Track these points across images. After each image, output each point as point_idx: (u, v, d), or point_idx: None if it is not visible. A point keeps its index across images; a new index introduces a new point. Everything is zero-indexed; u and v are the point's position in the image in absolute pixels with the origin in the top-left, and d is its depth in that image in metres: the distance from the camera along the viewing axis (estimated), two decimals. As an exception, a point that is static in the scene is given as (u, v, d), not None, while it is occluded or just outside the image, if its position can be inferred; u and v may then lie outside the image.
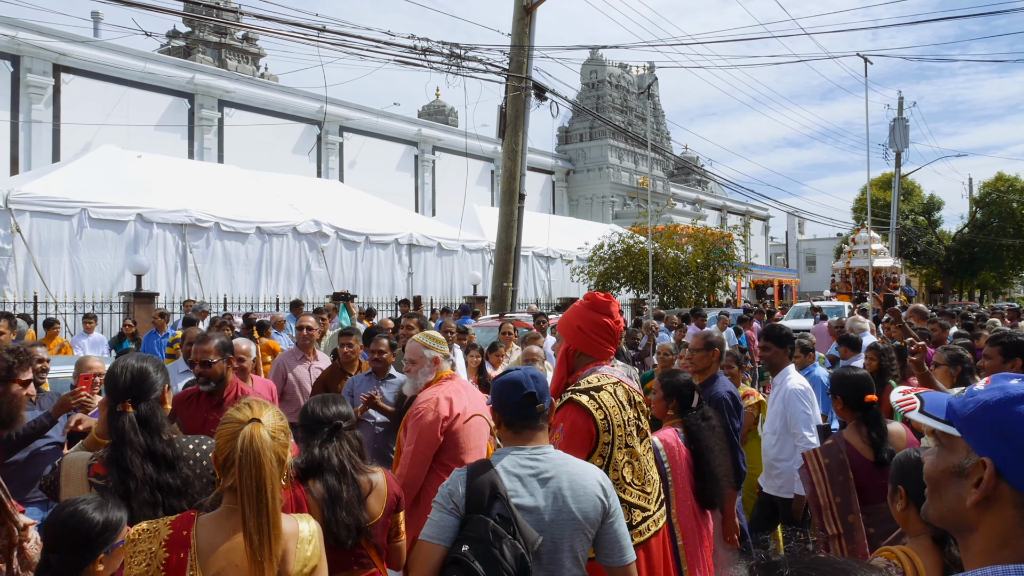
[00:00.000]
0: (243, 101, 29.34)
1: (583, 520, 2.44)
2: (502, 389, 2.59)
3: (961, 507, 1.21)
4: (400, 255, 20.90)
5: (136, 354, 2.83)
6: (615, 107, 44.04)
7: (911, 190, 50.04)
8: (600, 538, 2.51)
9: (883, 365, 6.40)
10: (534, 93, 16.50)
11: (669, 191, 46.76)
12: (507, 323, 9.37)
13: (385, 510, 2.80)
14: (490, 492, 2.36)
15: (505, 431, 2.58)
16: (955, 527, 1.26)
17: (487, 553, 2.22)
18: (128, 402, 2.63)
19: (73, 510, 2.16)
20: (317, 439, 2.78)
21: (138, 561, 1.96)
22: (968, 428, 1.22)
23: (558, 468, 2.49)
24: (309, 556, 2.11)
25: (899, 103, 41.38)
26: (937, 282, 53.75)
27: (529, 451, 2.51)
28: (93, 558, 2.15)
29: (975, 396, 1.23)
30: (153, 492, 2.54)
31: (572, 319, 3.45)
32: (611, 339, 3.41)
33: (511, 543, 2.26)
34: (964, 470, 1.22)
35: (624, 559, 2.53)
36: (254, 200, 18.65)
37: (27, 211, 14.28)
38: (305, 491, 2.67)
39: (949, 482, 1.24)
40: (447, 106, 43.13)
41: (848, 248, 29.66)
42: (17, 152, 23.77)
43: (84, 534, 2.13)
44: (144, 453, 2.58)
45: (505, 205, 16.26)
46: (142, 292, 14.86)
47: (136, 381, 2.67)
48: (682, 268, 23.02)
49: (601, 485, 2.53)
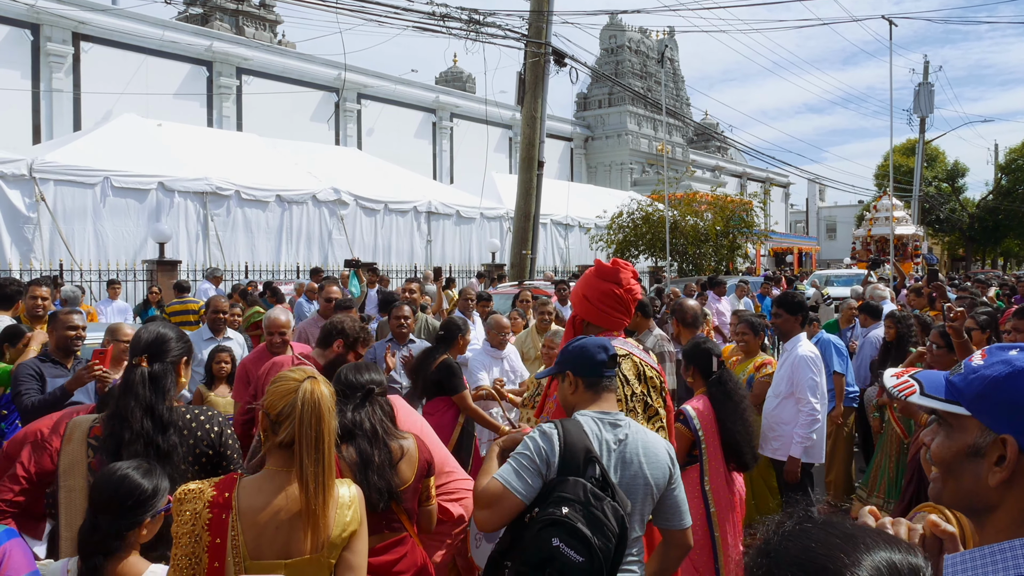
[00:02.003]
0: (261, 69, 29.30)
1: (654, 485, 2.50)
2: (584, 352, 2.61)
3: (980, 487, 1.19)
4: (419, 223, 20.95)
5: (165, 322, 2.88)
6: (634, 73, 43.54)
7: (935, 156, 49.28)
8: (662, 503, 2.56)
9: (901, 333, 6.40)
10: (553, 59, 16.36)
11: (688, 158, 46.35)
12: (525, 291, 9.40)
13: (416, 475, 2.84)
14: (584, 456, 2.35)
15: (584, 393, 2.59)
16: (973, 507, 1.23)
17: (589, 514, 2.21)
18: (145, 357, 2.69)
19: (123, 475, 2.23)
20: (350, 404, 2.81)
21: (184, 520, 2.03)
22: (980, 406, 1.18)
23: (634, 434, 2.53)
24: (348, 521, 2.13)
25: (924, 67, 40.57)
26: (960, 250, 53.16)
27: (612, 415, 2.54)
28: (140, 523, 2.22)
29: (978, 372, 1.20)
30: (146, 448, 2.56)
31: (580, 288, 3.36)
32: (620, 308, 3.26)
33: (611, 504, 2.26)
34: (980, 449, 1.18)
35: (683, 523, 2.59)
36: (274, 168, 18.73)
37: (51, 180, 14.45)
38: (338, 456, 2.69)
39: (964, 463, 1.21)
40: (465, 72, 42.80)
41: (869, 215, 29.34)
42: (39, 121, 23.93)
43: (135, 498, 2.20)
44: (145, 408, 2.61)
45: (524, 172, 16.22)
46: (165, 260, 15.03)
47: (157, 341, 2.73)
48: (701, 236, 22.89)
49: (669, 453, 2.59)
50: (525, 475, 2.33)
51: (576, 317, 3.33)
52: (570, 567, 2.14)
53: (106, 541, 2.17)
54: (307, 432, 2.06)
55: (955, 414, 1.22)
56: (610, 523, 2.21)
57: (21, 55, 23.56)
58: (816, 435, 5.06)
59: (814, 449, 5.12)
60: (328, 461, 2.09)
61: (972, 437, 1.20)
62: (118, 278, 13.29)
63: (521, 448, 2.40)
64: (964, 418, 1.21)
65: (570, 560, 2.14)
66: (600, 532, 2.18)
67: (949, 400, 1.23)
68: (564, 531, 2.17)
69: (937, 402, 1.24)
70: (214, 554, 1.98)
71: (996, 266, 54.42)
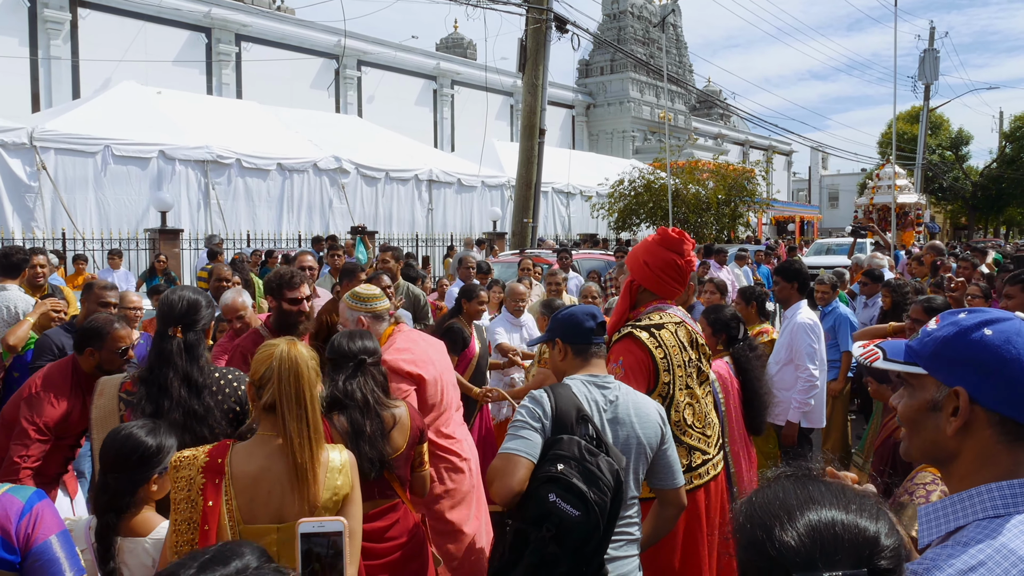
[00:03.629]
0: (260, 35, 29.09)
1: (647, 444, 2.58)
2: (572, 320, 2.69)
3: (941, 437, 1.30)
4: (420, 191, 20.95)
5: (191, 287, 3.02)
6: (636, 39, 43.14)
7: (939, 124, 48.95)
8: (656, 463, 2.64)
9: (896, 301, 6.46)
10: (555, 25, 16.24)
11: (691, 126, 46.13)
12: (526, 259, 9.43)
13: (408, 443, 2.88)
14: (576, 415, 2.42)
15: (573, 360, 2.67)
16: (937, 457, 1.34)
17: (584, 469, 2.26)
18: (179, 328, 2.81)
19: (128, 434, 2.31)
20: (342, 373, 2.83)
21: (180, 487, 2.09)
22: (934, 364, 1.31)
23: (624, 395, 2.61)
24: (339, 485, 2.17)
25: (930, 33, 40.16)
26: (962, 218, 53.04)
27: (600, 378, 2.62)
28: (147, 479, 2.31)
29: (931, 335, 1.33)
30: (185, 415, 2.69)
31: (640, 253, 3.40)
32: (679, 278, 3.33)
33: (605, 459, 2.31)
34: (938, 403, 1.30)
35: (676, 482, 2.66)
36: (274, 136, 18.69)
37: (52, 148, 14.44)
38: (329, 424, 2.72)
39: (925, 417, 1.33)
40: (465, 39, 42.42)
41: (872, 184, 29.26)
42: (38, 89, 23.83)
43: (138, 456, 2.28)
44: (183, 377, 2.75)
45: (525, 140, 16.19)
46: (167, 228, 15.08)
47: (190, 310, 2.86)
48: (703, 204, 22.90)
49: (659, 413, 2.67)
50: (524, 435, 2.39)
51: (633, 282, 3.37)
52: (567, 521, 2.20)
53: (117, 498, 2.26)
54: (286, 390, 2.10)
55: (915, 374, 1.35)
56: (605, 477, 2.26)
57: (19, 22, 23.39)
58: (815, 400, 5.17)
59: (813, 414, 5.23)
60: (312, 419, 2.12)
61: (930, 393, 1.32)
62: (120, 247, 13.35)
63: (516, 418, 2.48)
64: (923, 377, 1.33)
65: (567, 514, 2.20)
66: (595, 486, 2.24)
67: (908, 362, 1.35)
68: (560, 487, 2.23)
69: (898, 365, 1.36)
70: (207, 517, 2.03)
71: (998, 235, 54.33)
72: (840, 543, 0.98)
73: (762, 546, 1.01)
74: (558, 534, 2.20)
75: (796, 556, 0.98)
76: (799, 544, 0.99)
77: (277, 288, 3.82)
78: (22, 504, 1.80)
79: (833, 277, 6.91)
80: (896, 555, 1.00)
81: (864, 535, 1.00)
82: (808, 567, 0.97)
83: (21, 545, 1.76)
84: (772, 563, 0.99)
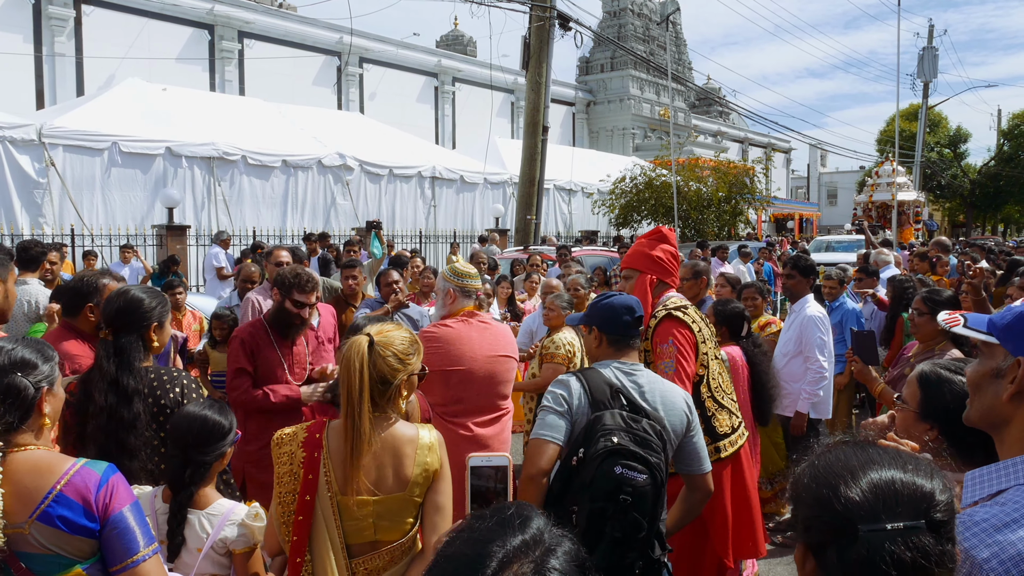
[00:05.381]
0: (263, 32, 29.13)
1: (672, 432, 2.63)
2: (610, 311, 2.77)
3: (997, 402, 1.43)
4: (423, 188, 21.02)
5: (142, 286, 2.86)
6: (637, 36, 43.16)
7: (937, 122, 49.08)
8: (682, 449, 2.72)
9: (894, 296, 6.58)
10: (558, 23, 16.35)
11: (691, 123, 46.14)
12: (535, 255, 9.56)
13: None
14: (610, 390, 2.54)
15: (607, 349, 2.77)
16: (993, 422, 1.47)
17: (636, 436, 2.37)
18: (109, 331, 2.71)
19: (204, 416, 2.50)
20: None
21: (283, 461, 2.22)
22: (1006, 335, 1.43)
23: (652, 383, 2.71)
24: (429, 462, 2.23)
25: (929, 31, 40.27)
26: (960, 216, 53.14)
27: (629, 365, 2.72)
28: (224, 453, 2.51)
29: (1012, 310, 1.45)
30: (108, 420, 2.58)
31: (645, 251, 3.67)
32: (677, 266, 3.72)
33: (647, 422, 2.43)
34: (1001, 371, 1.43)
35: (703, 467, 2.76)
36: (278, 133, 18.75)
37: (60, 145, 14.53)
38: None
39: (988, 383, 1.45)
40: (466, 36, 42.41)
41: (871, 181, 29.40)
42: (42, 86, 23.87)
43: (219, 432, 2.50)
44: (110, 382, 2.61)
45: (528, 138, 16.30)
46: (174, 225, 15.16)
47: (123, 312, 2.71)
48: (704, 201, 23.00)
49: (686, 401, 2.76)
50: (549, 420, 2.51)
51: (650, 278, 3.62)
52: (638, 488, 2.31)
53: (197, 473, 2.45)
54: (341, 387, 2.20)
55: (988, 343, 1.47)
56: (654, 439, 2.40)
57: (23, 19, 23.43)
58: (823, 392, 5.30)
59: (821, 405, 5.36)
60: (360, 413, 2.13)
61: (997, 361, 1.46)
62: (129, 243, 13.43)
63: (543, 403, 2.59)
64: (994, 346, 1.47)
65: (636, 481, 2.31)
66: (650, 449, 2.37)
67: (987, 332, 1.48)
68: (622, 456, 2.33)
69: (975, 332, 1.49)
70: (306, 488, 2.17)
71: (996, 232, 54.45)
72: (900, 498, 1.09)
73: (828, 503, 1.12)
74: (634, 501, 2.31)
75: (861, 510, 1.09)
76: (863, 499, 1.10)
77: (289, 286, 3.89)
78: (99, 476, 1.90)
79: (840, 273, 7.02)
80: (950, 509, 1.11)
81: (921, 491, 1.10)
82: (872, 519, 1.08)
83: (100, 514, 1.87)
84: (838, 517, 1.10)
